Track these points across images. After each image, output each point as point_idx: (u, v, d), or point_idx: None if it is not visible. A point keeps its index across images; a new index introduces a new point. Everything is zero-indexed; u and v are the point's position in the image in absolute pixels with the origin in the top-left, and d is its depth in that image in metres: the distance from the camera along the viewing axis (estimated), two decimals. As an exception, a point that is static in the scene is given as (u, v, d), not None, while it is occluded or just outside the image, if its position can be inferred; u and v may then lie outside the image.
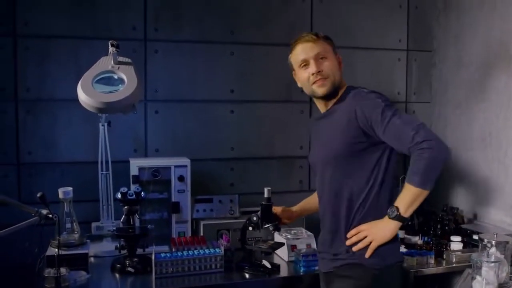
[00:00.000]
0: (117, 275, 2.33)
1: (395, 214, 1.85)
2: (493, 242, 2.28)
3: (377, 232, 1.89)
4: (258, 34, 3.10)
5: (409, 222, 2.71)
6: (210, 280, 2.27)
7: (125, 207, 2.40)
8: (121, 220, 2.42)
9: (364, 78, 3.24)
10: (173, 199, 2.66)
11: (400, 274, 2.05)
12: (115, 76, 2.39)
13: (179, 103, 3.00)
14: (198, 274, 2.30)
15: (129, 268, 2.33)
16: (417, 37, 3.42)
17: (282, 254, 2.57)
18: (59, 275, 2.08)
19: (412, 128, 1.81)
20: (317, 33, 2.02)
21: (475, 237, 2.60)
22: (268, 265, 2.37)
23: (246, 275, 2.34)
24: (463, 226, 2.88)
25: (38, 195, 1.99)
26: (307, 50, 1.98)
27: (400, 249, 2.38)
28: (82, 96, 2.28)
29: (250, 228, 2.39)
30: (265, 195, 2.35)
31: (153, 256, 2.24)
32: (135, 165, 2.61)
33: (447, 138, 3.17)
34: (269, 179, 3.04)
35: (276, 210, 2.36)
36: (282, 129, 3.19)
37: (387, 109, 1.85)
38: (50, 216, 2.01)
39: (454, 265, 2.51)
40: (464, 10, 3.12)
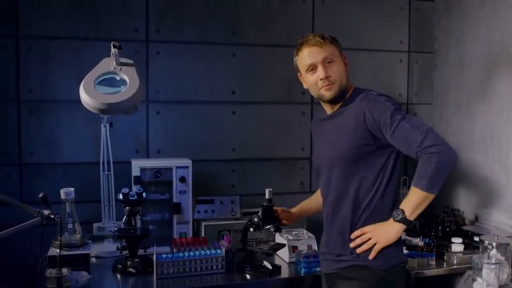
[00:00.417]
0: (119, 276, 2.34)
1: (401, 217, 1.86)
2: (494, 244, 2.28)
3: (382, 234, 1.90)
4: (260, 36, 3.10)
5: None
6: (211, 281, 2.28)
7: (127, 208, 2.41)
8: (123, 221, 2.42)
9: (366, 80, 3.24)
10: (175, 200, 2.66)
11: (404, 275, 2.06)
12: (117, 77, 2.39)
13: (181, 104, 3.01)
14: (199, 275, 2.30)
15: (131, 269, 2.33)
16: (419, 39, 3.42)
17: (283, 255, 2.57)
18: (61, 276, 2.08)
19: (421, 132, 1.82)
20: (323, 35, 2.01)
21: (476, 239, 2.61)
22: (269, 266, 2.38)
23: (247, 276, 2.34)
24: (464, 228, 2.88)
25: (40, 196, 1.99)
26: (315, 54, 1.97)
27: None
28: (84, 97, 2.28)
29: (251, 229, 2.39)
30: (266, 196, 2.35)
31: (155, 257, 2.24)
32: (137, 166, 2.62)
33: (449, 140, 3.09)
34: (271, 180, 3.04)
35: (276, 211, 2.37)
36: (284, 131, 3.19)
37: (396, 113, 1.86)
38: (52, 217, 2.01)
39: (455, 267, 2.50)
40: (465, 12, 3.12)
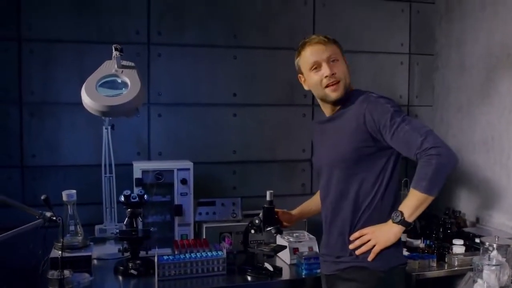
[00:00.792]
0: (120, 278, 2.34)
1: (400, 219, 1.86)
2: (495, 246, 2.29)
3: (381, 236, 1.90)
4: (261, 38, 3.11)
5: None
6: (213, 283, 2.28)
7: (128, 210, 2.41)
8: (124, 223, 2.43)
9: (367, 82, 3.25)
10: (176, 202, 2.67)
11: (404, 277, 2.05)
12: (119, 80, 2.40)
13: (182, 107, 3.01)
14: (201, 277, 2.30)
15: (132, 271, 2.33)
16: (419, 41, 3.43)
17: (284, 257, 2.58)
18: (63, 277, 2.09)
19: (421, 134, 1.82)
20: (326, 36, 2.01)
21: (477, 241, 2.61)
22: (270, 268, 2.38)
23: (248, 278, 2.35)
24: (465, 230, 2.88)
25: (42, 198, 2.00)
26: (319, 53, 1.97)
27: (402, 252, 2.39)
28: (86, 100, 2.29)
29: (253, 231, 2.39)
30: (268, 198, 2.35)
31: (156, 259, 2.25)
32: (139, 168, 2.62)
33: (449, 142, 3.14)
34: (272, 182, 3.05)
35: (276, 213, 2.37)
36: (285, 133, 3.20)
37: (396, 115, 1.86)
38: (54, 219, 2.02)
39: (456, 269, 2.50)
40: (466, 14, 3.13)
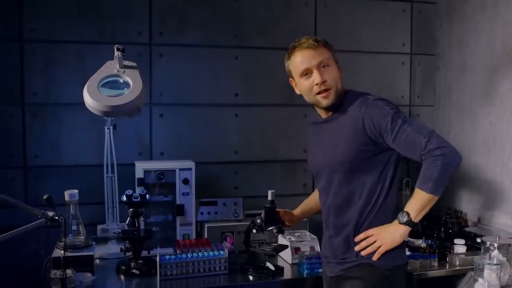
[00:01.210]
0: (122, 277, 2.35)
1: (406, 219, 1.87)
2: (496, 245, 2.30)
3: (387, 237, 1.91)
4: (262, 39, 3.12)
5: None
6: (214, 282, 2.29)
7: (130, 210, 2.42)
8: (126, 223, 2.43)
9: (368, 82, 3.26)
10: (178, 202, 2.67)
11: (405, 276, 2.06)
12: (121, 80, 2.40)
13: (184, 107, 3.02)
14: (202, 276, 2.31)
15: (134, 270, 2.34)
16: (421, 41, 3.43)
17: (286, 257, 2.58)
18: (65, 277, 2.10)
19: (424, 135, 1.82)
20: (317, 39, 1.97)
21: (479, 241, 2.61)
22: (272, 268, 2.39)
23: (250, 277, 2.35)
24: (467, 229, 2.87)
25: (45, 197, 2.01)
26: (309, 59, 1.93)
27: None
28: (88, 100, 2.29)
29: (254, 231, 2.40)
30: (269, 198, 2.36)
31: (158, 258, 2.25)
32: (141, 168, 2.63)
33: (451, 142, 3.12)
34: (273, 182, 3.05)
35: (278, 213, 2.37)
36: (286, 133, 3.20)
37: (396, 117, 1.85)
38: (56, 218, 2.03)
39: (458, 268, 2.50)
40: (467, 15, 3.13)
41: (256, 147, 3.16)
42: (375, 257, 1.92)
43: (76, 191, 2.41)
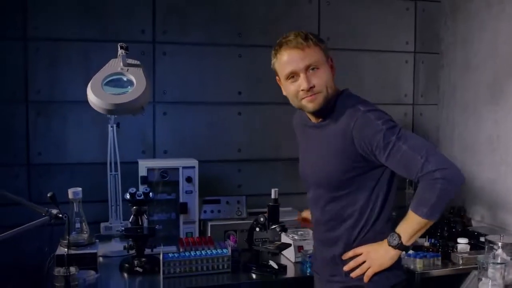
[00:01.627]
0: (126, 275, 2.36)
1: (397, 242, 1.72)
2: (500, 244, 2.28)
3: (376, 259, 1.76)
4: (266, 37, 3.11)
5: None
6: (217, 280, 2.29)
7: (134, 208, 2.42)
8: (130, 221, 2.44)
9: (371, 80, 3.25)
10: (181, 200, 2.68)
11: None
12: (124, 78, 2.41)
13: (187, 105, 3.02)
14: (206, 274, 2.31)
15: (137, 268, 2.34)
16: (425, 40, 3.42)
17: (289, 255, 2.58)
18: (69, 274, 2.10)
19: (421, 155, 1.62)
20: (307, 35, 1.75)
21: (482, 239, 2.60)
22: (275, 266, 2.38)
23: (253, 276, 2.35)
24: (470, 228, 2.87)
25: (48, 195, 2.01)
26: (296, 61, 1.72)
27: (406, 253, 2.36)
28: (92, 98, 2.30)
29: (257, 229, 2.41)
30: (272, 196, 2.37)
31: (161, 256, 2.25)
32: (144, 166, 2.63)
33: (455, 141, 3.17)
34: (276, 181, 3.03)
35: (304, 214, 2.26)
36: (289, 131, 3.16)
37: (389, 133, 1.65)
38: (60, 216, 2.02)
39: (461, 267, 2.49)
40: (472, 13, 3.12)
41: (260, 145, 3.15)
42: (366, 279, 1.77)
43: (80, 189, 2.41)
